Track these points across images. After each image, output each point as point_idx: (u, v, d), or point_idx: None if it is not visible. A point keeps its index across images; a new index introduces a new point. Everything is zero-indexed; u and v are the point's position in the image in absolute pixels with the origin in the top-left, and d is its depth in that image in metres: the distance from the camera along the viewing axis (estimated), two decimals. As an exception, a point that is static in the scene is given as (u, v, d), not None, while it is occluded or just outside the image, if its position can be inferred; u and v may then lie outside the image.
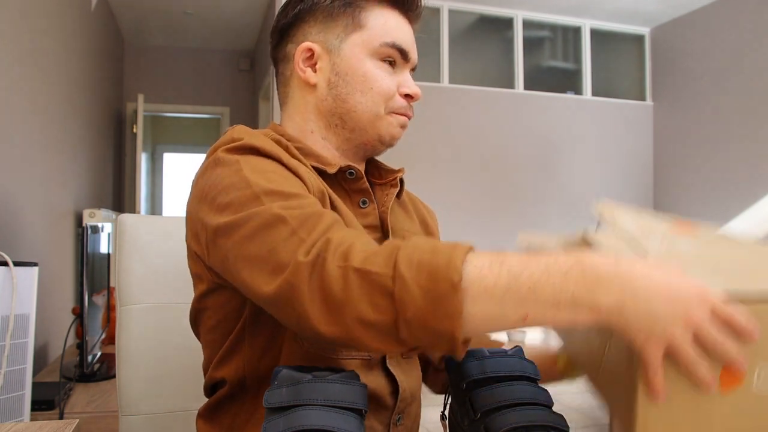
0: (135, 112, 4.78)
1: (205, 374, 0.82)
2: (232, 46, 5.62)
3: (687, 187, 4.59)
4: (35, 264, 1.45)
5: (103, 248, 2.32)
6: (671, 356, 0.49)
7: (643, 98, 4.98)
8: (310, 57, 0.79)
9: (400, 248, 0.54)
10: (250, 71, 5.70)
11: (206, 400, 0.82)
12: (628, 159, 4.86)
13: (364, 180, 0.79)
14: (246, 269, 0.60)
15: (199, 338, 0.84)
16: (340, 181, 0.78)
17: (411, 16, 0.82)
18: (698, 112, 4.50)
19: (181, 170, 7.38)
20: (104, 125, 4.36)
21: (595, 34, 4.89)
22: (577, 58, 4.91)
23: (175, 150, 7.29)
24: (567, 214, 4.67)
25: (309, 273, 0.55)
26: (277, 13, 0.86)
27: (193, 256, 0.74)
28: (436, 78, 4.48)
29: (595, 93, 4.84)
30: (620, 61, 5.09)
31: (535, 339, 2.99)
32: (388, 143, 0.82)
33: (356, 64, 0.77)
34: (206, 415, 0.81)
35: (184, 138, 7.13)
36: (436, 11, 4.50)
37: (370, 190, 0.80)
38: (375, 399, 0.76)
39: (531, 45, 4.77)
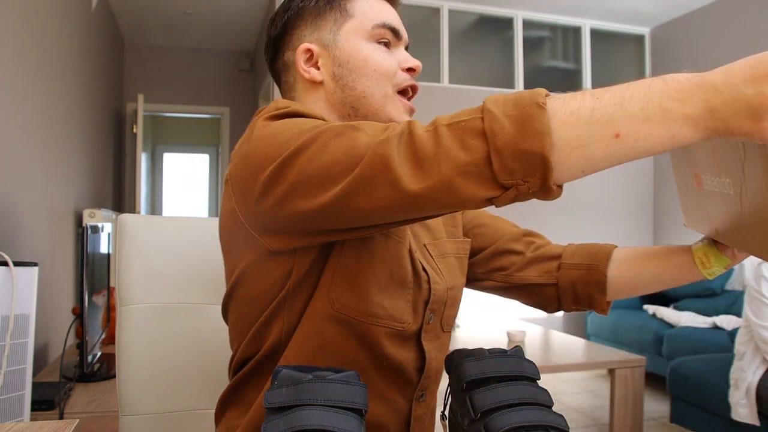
0: (135, 112, 4.78)
1: (234, 354, 0.81)
2: (232, 46, 5.62)
3: (687, 187, 4.59)
4: (35, 264, 1.45)
5: (103, 248, 2.32)
6: None
7: (643, 98, 4.98)
8: (310, 57, 0.81)
9: (485, 100, 0.56)
10: (250, 71, 5.70)
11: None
12: (628, 159, 4.86)
13: None
14: (318, 181, 0.60)
15: (227, 317, 0.83)
16: None
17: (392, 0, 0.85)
18: (698, 112, 4.50)
19: (181, 170, 7.39)
20: (104, 125, 4.36)
21: (595, 34, 4.89)
22: (577, 58, 4.91)
23: (175, 150, 7.29)
24: (567, 213, 4.67)
25: (397, 143, 0.56)
26: (266, 28, 0.88)
27: (238, 226, 0.72)
28: (436, 78, 4.48)
29: (595, 93, 4.85)
30: (620, 61, 5.09)
31: (536, 338, 2.99)
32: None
33: (354, 51, 0.80)
34: (229, 399, 0.80)
35: (184, 138, 7.13)
36: (436, 11, 4.50)
37: None
38: (401, 372, 0.76)
39: (531, 45, 4.77)
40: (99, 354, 2.21)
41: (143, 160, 5.07)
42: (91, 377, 2.01)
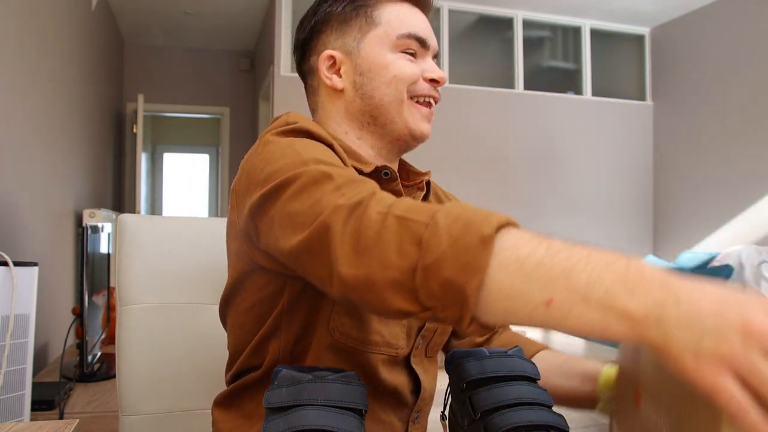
0: (135, 112, 4.78)
1: (231, 360, 0.82)
2: (232, 46, 5.62)
3: (687, 187, 4.59)
4: (35, 264, 1.45)
5: (103, 248, 2.32)
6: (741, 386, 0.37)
7: (643, 98, 4.98)
8: (333, 64, 0.81)
9: (446, 205, 0.52)
10: (250, 71, 5.70)
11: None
12: (628, 159, 4.86)
13: (398, 182, 0.79)
14: (287, 225, 0.59)
15: (225, 322, 0.84)
16: (376, 180, 0.79)
17: (422, 5, 0.83)
18: (698, 112, 4.50)
19: (181, 170, 7.39)
20: (104, 125, 4.36)
21: (595, 34, 4.89)
22: (577, 58, 4.91)
23: (175, 150, 7.29)
24: (567, 213, 4.67)
25: (347, 215, 0.54)
26: (295, 30, 0.88)
27: (240, 236, 0.74)
28: (436, 78, 4.48)
29: (595, 93, 4.85)
30: (620, 61, 5.09)
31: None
32: (419, 137, 0.82)
33: (377, 58, 0.79)
34: (224, 402, 0.81)
35: (184, 138, 7.13)
36: (436, 11, 4.50)
37: (403, 192, 0.81)
38: (396, 395, 0.77)
39: (531, 45, 4.77)
40: (99, 354, 2.21)
41: (143, 160, 5.07)
42: (91, 377, 2.01)
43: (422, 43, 0.80)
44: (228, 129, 5.71)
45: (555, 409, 0.61)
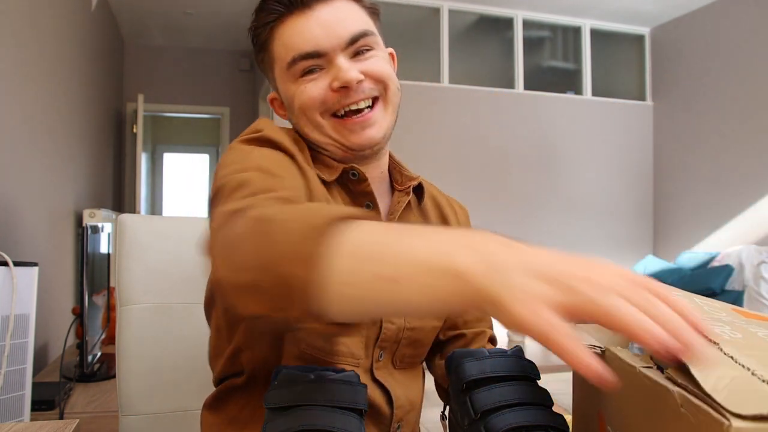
0: (135, 112, 4.79)
1: (213, 360, 0.82)
2: (232, 46, 5.62)
3: (687, 187, 4.59)
4: (35, 264, 1.45)
5: (103, 248, 2.32)
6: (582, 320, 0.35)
7: (643, 98, 4.98)
8: (279, 101, 0.84)
9: (302, 204, 0.53)
10: (250, 71, 5.70)
11: (208, 394, 0.83)
12: (628, 159, 4.86)
13: (367, 182, 0.78)
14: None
15: (208, 320, 0.84)
16: (346, 182, 0.79)
17: (312, 5, 0.75)
18: (698, 112, 4.50)
19: (181, 170, 7.39)
20: (104, 125, 4.36)
21: (595, 34, 4.89)
22: (577, 58, 4.91)
23: (175, 150, 7.29)
24: (567, 213, 4.67)
25: (224, 222, 0.52)
26: None
27: None
28: (436, 78, 4.48)
29: (595, 93, 4.85)
30: (620, 61, 5.09)
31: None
32: (357, 149, 0.77)
33: (286, 94, 0.79)
34: (212, 405, 0.81)
35: (184, 138, 7.13)
36: (436, 11, 4.50)
37: (374, 193, 0.79)
38: (372, 406, 0.76)
39: (531, 45, 4.77)
40: (99, 354, 2.21)
41: (143, 160, 5.07)
42: (91, 377, 2.01)
43: (314, 55, 0.75)
44: (228, 129, 5.71)
45: (557, 407, 0.61)
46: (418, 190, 0.86)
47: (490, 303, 0.37)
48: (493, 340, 0.90)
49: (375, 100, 0.78)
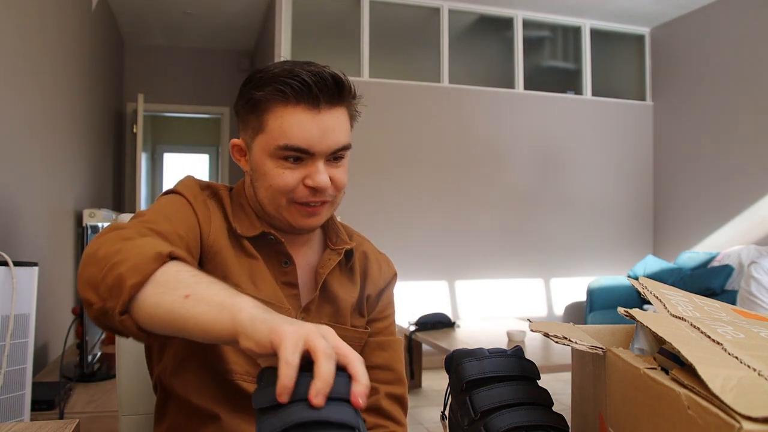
0: (135, 112, 4.78)
1: (150, 367, 0.93)
2: (232, 46, 5.62)
3: (687, 187, 4.59)
4: (35, 264, 1.45)
5: (103, 248, 2.32)
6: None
7: (643, 98, 4.98)
8: (241, 149, 0.90)
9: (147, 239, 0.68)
10: (250, 71, 5.69)
11: None
12: (628, 159, 4.86)
13: (283, 245, 0.88)
14: None
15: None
16: (265, 240, 0.89)
17: (320, 106, 0.82)
18: (698, 112, 4.50)
19: (181, 170, 7.38)
20: (104, 125, 4.36)
21: (595, 34, 4.89)
22: (577, 58, 4.91)
23: (175, 150, 7.29)
24: (567, 213, 4.67)
25: (105, 231, 0.71)
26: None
27: None
28: (436, 78, 4.48)
29: (595, 93, 4.85)
30: (620, 61, 5.09)
31: (536, 338, 2.99)
32: (299, 230, 0.89)
33: (259, 164, 0.85)
34: (155, 414, 0.91)
35: (184, 138, 7.13)
36: (436, 11, 4.50)
37: (290, 254, 0.89)
38: None
39: (531, 45, 4.77)
40: (99, 354, 2.21)
41: (143, 160, 5.07)
42: (91, 377, 2.01)
43: (304, 152, 0.82)
44: (228, 129, 5.71)
45: (557, 407, 0.61)
46: (349, 252, 0.95)
47: (241, 334, 0.53)
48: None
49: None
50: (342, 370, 0.51)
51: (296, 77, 0.80)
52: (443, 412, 0.75)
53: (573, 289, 4.61)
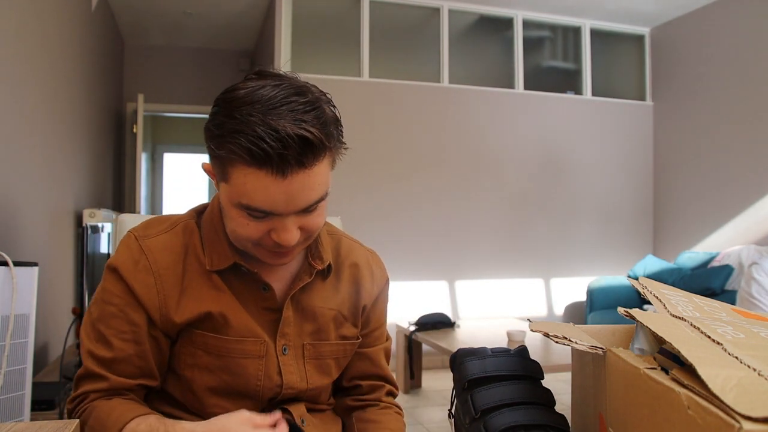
0: (135, 112, 4.78)
1: None
2: (232, 46, 5.62)
3: (687, 187, 4.59)
4: (35, 264, 1.45)
5: (103, 248, 2.32)
6: None
7: (643, 98, 4.98)
8: (211, 173, 0.86)
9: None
10: (250, 71, 5.68)
11: None
12: (628, 159, 4.86)
13: (256, 274, 0.86)
14: None
15: None
16: (238, 270, 0.86)
17: (285, 174, 0.72)
18: (698, 112, 4.50)
19: (181, 170, 7.38)
20: (104, 125, 4.36)
21: (595, 34, 4.89)
22: (577, 58, 4.91)
23: (175, 150, 7.28)
24: (567, 213, 4.67)
25: (74, 408, 0.84)
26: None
27: None
28: (436, 78, 4.48)
29: (595, 93, 4.84)
30: (620, 61, 5.09)
31: (536, 338, 2.99)
32: (271, 265, 0.86)
33: (225, 206, 0.81)
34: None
35: (184, 138, 7.12)
36: (436, 11, 4.50)
37: (266, 281, 0.87)
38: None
39: (531, 45, 4.77)
40: (99, 354, 2.21)
41: (143, 160, 5.07)
42: (91, 377, 2.00)
43: (269, 213, 0.76)
44: (228, 129, 5.70)
45: (557, 407, 0.61)
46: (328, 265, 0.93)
47: None
48: (391, 393, 1.03)
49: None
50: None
51: (258, 143, 0.70)
52: (450, 410, 0.75)
53: (573, 289, 4.61)
